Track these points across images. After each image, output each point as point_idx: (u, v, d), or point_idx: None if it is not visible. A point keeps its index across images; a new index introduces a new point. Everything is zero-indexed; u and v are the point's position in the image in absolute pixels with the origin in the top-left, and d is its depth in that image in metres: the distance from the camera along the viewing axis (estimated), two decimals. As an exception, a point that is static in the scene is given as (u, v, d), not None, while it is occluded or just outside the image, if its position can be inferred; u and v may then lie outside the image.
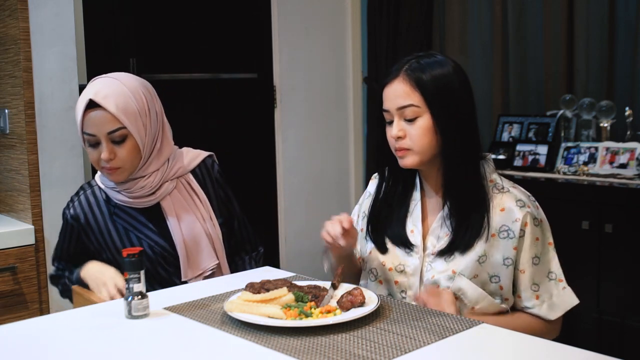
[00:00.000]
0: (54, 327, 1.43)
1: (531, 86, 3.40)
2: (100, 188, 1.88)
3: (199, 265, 1.85)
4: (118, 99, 1.72)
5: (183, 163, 1.89)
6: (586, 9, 3.14)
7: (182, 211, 1.86)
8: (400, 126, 1.51)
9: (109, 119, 1.72)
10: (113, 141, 1.74)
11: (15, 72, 2.45)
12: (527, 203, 1.52)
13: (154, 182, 1.82)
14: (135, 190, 1.82)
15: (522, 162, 3.14)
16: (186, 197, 1.88)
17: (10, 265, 2.34)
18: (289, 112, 3.69)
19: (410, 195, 1.62)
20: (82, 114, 1.73)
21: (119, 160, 1.75)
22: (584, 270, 2.72)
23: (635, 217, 2.59)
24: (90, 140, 1.75)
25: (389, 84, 1.53)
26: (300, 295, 1.41)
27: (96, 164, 1.79)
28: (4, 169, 2.60)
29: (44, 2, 2.46)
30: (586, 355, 1.17)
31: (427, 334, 1.27)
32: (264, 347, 1.22)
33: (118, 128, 1.73)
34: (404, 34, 3.72)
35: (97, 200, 1.87)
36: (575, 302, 1.53)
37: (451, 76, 1.50)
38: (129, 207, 1.85)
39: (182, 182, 1.89)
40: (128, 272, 1.40)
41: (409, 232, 1.59)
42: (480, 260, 1.50)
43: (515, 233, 1.50)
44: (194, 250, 1.85)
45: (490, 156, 1.62)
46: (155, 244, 1.83)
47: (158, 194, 1.84)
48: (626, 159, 2.85)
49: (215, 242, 1.89)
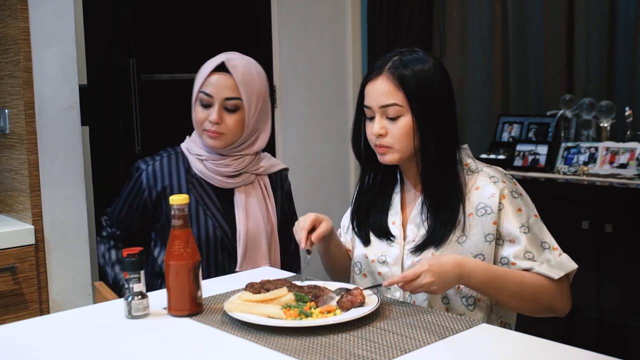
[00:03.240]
0: (54, 327, 1.43)
1: (531, 86, 3.40)
2: (184, 155, 1.91)
3: (253, 261, 1.88)
4: (245, 72, 1.84)
5: (266, 164, 1.96)
6: (586, 9, 3.14)
7: (251, 206, 1.90)
8: (382, 124, 1.53)
9: (231, 85, 1.82)
10: (225, 108, 1.82)
11: (15, 72, 2.45)
12: (501, 178, 1.54)
13: (241, 165, 1.88)
14: (220, 165, 1.86)
15: (522, 162, 3.14)
16: (259, 195, 1.92)
17: (10, 265, 2.34)
18: (289, 112, 3.69)
19: (392, 188, 1.66)
20: (208, 74, 1.82)
21: (224, 126, 1.82)
22: (584, 270, 2.71)
23: (635, 217, 2.59)
24: (204, 99, 1.83)
25: (371, 81, 1.54)
26: (300, 295, 1.41)
27: (199, 125, 1.85)
28: (4, 169, 2.60)
29: (44, 2, 2.46)
30: (586, 355, 1.17)
31: (427, 334, 1.27)
32: (264, 347, 1.22)
33: (235, 97, 1.82)
34: (404, 34, 3.72)
35: (178, 165, 1.90)
36: (575, 266, 1.50)
37: (432, 73, 1.52)
38: (206, 182, 1.88)
39: (259, 180, 1.94)
40: (128, 272, 1.40)
41: (390, 223, 1.62)
42: (459, 241, 1.51)
43: (493, 208, 1.50)
44: (252, 246, 1.88)
45: (466, 146, 1.64)
46: (219, 225, 1.87)
47: (238, 180, 1.89)
48: (626, 159, 2.85)
49: (272, 245, 1.93)
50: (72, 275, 2.54)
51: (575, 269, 1.50)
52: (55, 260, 2.49)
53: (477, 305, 1.53)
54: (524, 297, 1.46)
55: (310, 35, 3.75)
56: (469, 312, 1.53)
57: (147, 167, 1.89)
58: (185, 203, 1.42)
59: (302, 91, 3.73)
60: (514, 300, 1.46)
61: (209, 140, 1.84)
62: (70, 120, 2.54)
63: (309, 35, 3.74)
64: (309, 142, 3.77)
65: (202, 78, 1.84)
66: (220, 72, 1.83)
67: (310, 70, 3.75)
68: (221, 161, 1.87)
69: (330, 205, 3.82)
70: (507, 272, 1.47)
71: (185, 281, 1.41)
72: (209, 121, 1.83)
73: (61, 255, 2.50)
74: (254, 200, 1.91)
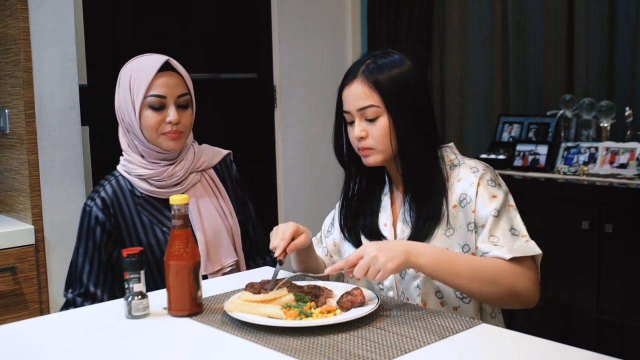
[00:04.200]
0: (54, 327, 1.43)
1: (531, 86, 3.40)
2: (125, 178, 1.85)
3: (219, 260, 1.85)
4: (182, 68, 1.84)
5: (207, 157, 1.92)
6: (586, 9, 3.13)
7: (204, 205, 1.87)
8: (361, 126, 1.54)
9: (179, 82, 1.81)
10: (179, 105, 1.80)
11: (15, 72, 2.45)
12: (481, 168, 1.55)
13: (183, 168, 1.84)
14: (165, 178, 1.82)
15: (522, 162, 3.14)
16: (209, 191, 1.90)
17: (10, 265, 2.34)
18: (289, 112, 3.69)
19: (379, 190, 1.67)
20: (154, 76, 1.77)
21: (182, 125, 1.81)
22: (584, 270, 2.72)
23: (635, 217, 2.59)
24: (155, 102, 1.78)
25: (347, 86, 1.56)
26: (301, 295, 1.41)
27: (153, 130, 1.79)
28: (4, 169, 2.60)
29: (44, 2, 2.46)
30: (586, 355, 1.17)
31: (427, 334, 1.27)
32: (264, 347, 1.22)
33: (186, 93, 1.82)
34: (404, 34, 3.71)
35: (123, 190, 1.85)
36: (538, 251, 1.46)
37: (407, 75, 1.54)
38: (154, 198, 1.84)
39: (205, 176, 1.91)
40: (128, 272, 1.40)
41: (382, 225, 1.63)
42: (447, 234, 1.52)
43: (472, 197, 1.51)
44: (214, 245, 1.85)
45: (452, 144, 1.65)
46: None
47: (184, 185, 1.85)
48: (626, 159, 2.84)
49: (235, 238, 1.91)
50: (72, 275, 2.53)
51: (539, 254, 1.46)
52: (55, 260, 2.49)
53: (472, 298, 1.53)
54: (483, 279, 1.41)
55: (310, 35, 3.75)
56: (463, 305, 1.54)
57: (94, 203, 1.81)
58: (185, 203, 1.42)
59: (302, 91, 3.73)
60: (475, 283, 1.41)
61: (170, 142, 1.79)
62: (70, 120, 2.54)
63: (309, 35, 3.74)
64: (309, 142, 3.77)
65: (147, 81, 1.76)
66: (165, 71, 1.79)
67: (310, 71, 3.75)
68: (164, 174, 1.82)
69: (330, 206, 3.80)
70: (461, 254, 1.48)
71: (185, 281, 1.41)
72: (168, 123, 1.77)
73: (61, 255, 2.50)
74: (206, 200, 1.87)
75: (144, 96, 1.77)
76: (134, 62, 1.83)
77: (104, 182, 1.87)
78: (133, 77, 1.79)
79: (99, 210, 1.80)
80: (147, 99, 1.77)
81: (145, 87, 1.77)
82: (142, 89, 1.77)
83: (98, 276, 1.79)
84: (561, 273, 2.74)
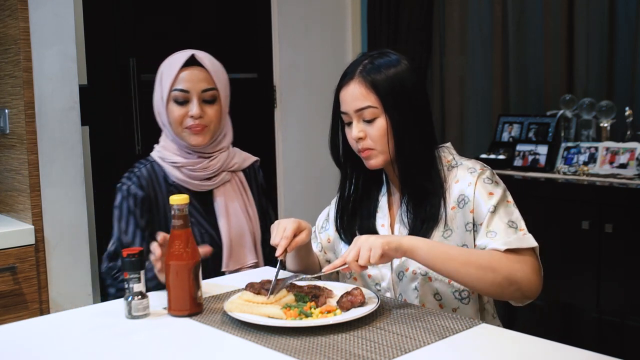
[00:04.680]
0: (54, 327, 1.43)
1: (531, 86, 3.40)
2: (159, 164, 1.87)
3: (240, 259, 1.88)
4: (213, 62, 1.85)
5: (238, 160, 1.95)
6: (586, 9, 3.13)
7: (232, 204, 1.89)
8: (359, 127, 1.54)
9: (205, 77, 1.82)
10: (203, 100, 1.81)
11: (15, 72, 2.45)
12: (478, 168, 1.54)
13: (216, 165, 1.86)
14: (197, 170, 1.84)
15: (522, 162, 3.14)
16: (237, 192, 1.92)
17: (10, 265, 2.34)
18: (289, 112, 3.69)
19: (376, 191, 1.67)
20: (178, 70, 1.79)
21: (207, 118, 1.81)
22: (584, 270, 2.72)
23: (635, 217, 2.59)
24: (179, 97, 1.80)
25: (345, 86, 1.56)
26: (301, 295, 1.41)
27: (177, 124, 1.81)
28: (4, 169, 2.60)
29: (44, 2, 2.46)
30: (586, 355, 1.17)
31: (427, 334, 1.27)
32: (264, 347, 1.22)
33: (212, 88, 1.83)
34: (404, 34, 3.71)
35: (157, 175, 1.86)
36: (534, 244, 1.45)
37: (404, 74, 1.53)
38: (184, 188, 1.85)
39: (235, 177, 1.94)
40: (128, 272, 1.40)
41: (379, 226, 1.62)
42: (445, 235, 1.52)
43: (470, 197, 1.50)
44: (237, 244, 1.87)
45: (449, 144, 1.64)
46: (206, 231, 1.85)
47: (216, 181, 1.88)
48: (626, 159, 2.85)
49: (256, 241, 1.93)
50: (72, 275, 2.54)
51: (536, 247, 1.45)
52: (55, 260, 2.49)
53: (471, 299, 1.53)
54: (479, 264, 1.39)
55: (310, 35, 3.75)
56: (462, 306, 1.53)
57: (130, 183, 1.82)
58: (185, 203, 1.42)
59: (302, 91, 3.73)
60: (470, 268, 1.38)
61: (193, 137, 1.82)
62: (70, 120, 2.54)
63: (309, 35, 3.74)
64: (309, 142, 3.77)
65: (172, 76, 1.81)
66: (190, 66, 1.82)
67: (310, 71, 3.75)
68: (198, 165, 1.85)
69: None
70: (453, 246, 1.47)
71: (185, 281, 1.41)
72: (190, 117, 1.80)
73: (61, 255, 2.50)
74: (233, 200, 1.90)
75: (169, 90, 1.81)
76: (168, 58, 1.88)
77: (139, 165, 1.89)
78: (162, 72, 1.86)
79: (136, 187, 1.82)
80: (172, 93, 1.81)
81: (171, 82, 1.81)
82: (168, 83, 1.82)
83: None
84: (561, 273, 2.74)
